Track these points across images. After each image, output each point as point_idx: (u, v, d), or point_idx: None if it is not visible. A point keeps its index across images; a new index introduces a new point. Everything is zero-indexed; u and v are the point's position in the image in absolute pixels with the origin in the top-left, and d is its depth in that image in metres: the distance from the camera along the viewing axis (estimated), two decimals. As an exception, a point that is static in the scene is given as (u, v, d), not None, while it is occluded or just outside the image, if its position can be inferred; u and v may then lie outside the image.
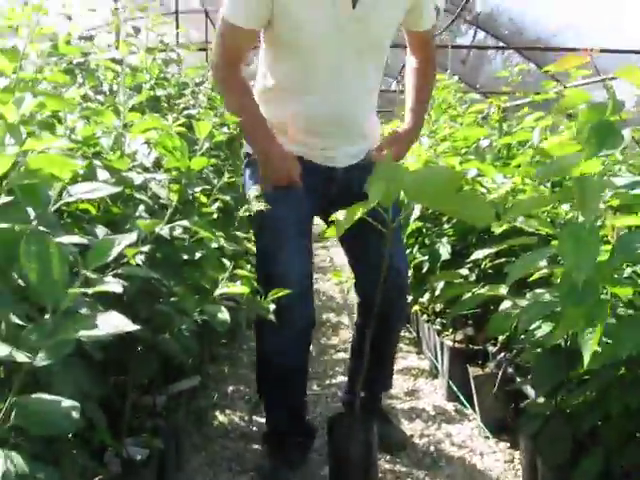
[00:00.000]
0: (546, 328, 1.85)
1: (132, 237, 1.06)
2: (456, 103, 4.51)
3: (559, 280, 1.59)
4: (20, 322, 0.99)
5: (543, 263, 1.81)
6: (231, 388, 3.25)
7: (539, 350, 1.81)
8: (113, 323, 0.92)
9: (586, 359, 1.35)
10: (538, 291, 1.82)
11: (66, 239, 1.05)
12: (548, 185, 2.68)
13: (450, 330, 3.22)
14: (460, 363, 2.92)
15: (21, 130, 1.09)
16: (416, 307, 3.46)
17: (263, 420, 2.83)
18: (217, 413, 2.95)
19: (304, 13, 2.18)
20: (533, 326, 1.89)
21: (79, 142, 1.75)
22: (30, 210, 1.06)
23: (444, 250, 2.88)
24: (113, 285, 0.97)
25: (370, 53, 2.33)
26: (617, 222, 1.83)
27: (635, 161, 2.19)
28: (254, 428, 2.80)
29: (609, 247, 1.44)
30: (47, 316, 0.94)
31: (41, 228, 0.98)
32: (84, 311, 1.00)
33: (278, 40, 2.27)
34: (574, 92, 1.20)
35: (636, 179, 1.20)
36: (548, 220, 2.30)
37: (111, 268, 1.37)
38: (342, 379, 3.25)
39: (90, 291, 0.92)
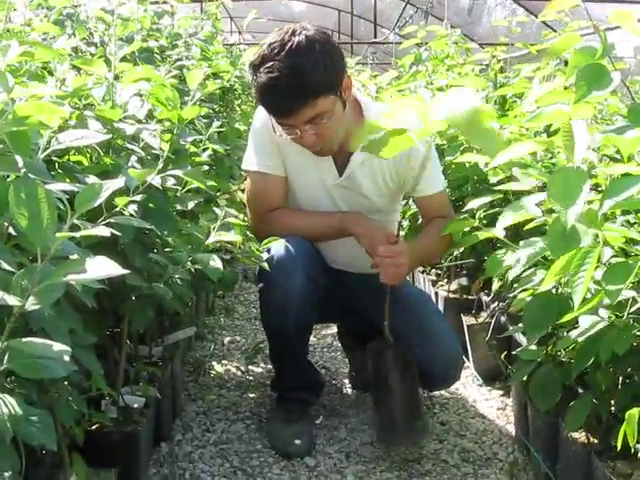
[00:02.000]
0: (539, 275, 1.86)
1: (120, 182, 1.06)
2: (454, 53, 4.46)
3: (549, 227, 1.60)
4: (11, 269, 1.00)
5: (538, 212, 1.82)
6: (228, 339, 3.29)
7: (530, 297, 1.82)
8: (102, 268, 0.93)
9: (576, 303, 1.37)
10: (532, 239, 1.83)
11: (55, 186, 1.05)
12: (545, 136, 2.67)
13: (445, 280, 3.25)
14: (454, 313, 2.94)
15: (8, 78, 1.08)
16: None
17: (259, 370, 2.88)
18: (214, 363, 2.98)
19: (297, 174, 2.31)
20: (526, 273, 1.90)
21: (70, 93, 1.74)
22: (19, 158, 1.06)
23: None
24: (101, 229, 0.97)
25: (372, 216, 2.34)
26: (610, 170, 1.83)
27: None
28: (250, 378, 2.84)
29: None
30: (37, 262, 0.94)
31: (30, 175, 0.98)
32: (74, 257, 1.00)
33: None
34: (565, 36, 1.19)
35: (625, 123, 1.19)
36: (543, 170, 2.30)
37: (103, 217, 1.37)
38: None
39: (78, 235, 0.93)
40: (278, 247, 2.10)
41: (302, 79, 1.98)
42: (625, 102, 2.61)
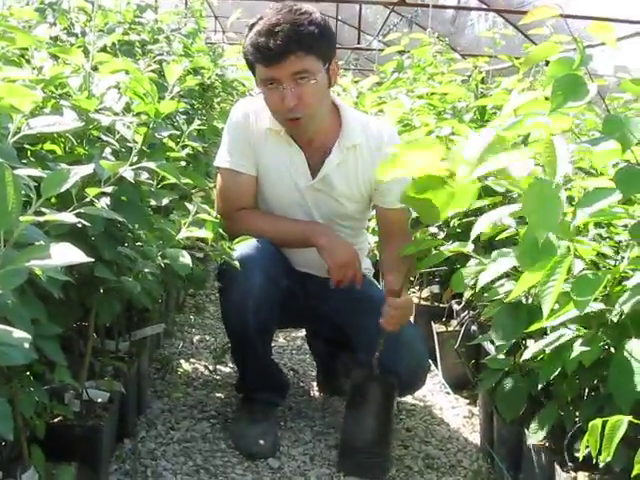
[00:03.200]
0: (509, 285, 1.87)
1: (89, 168, 1.05)
2: (435, 61, 4.47)
3: (521, 238, 1.60)
4: (-26, 253, 0.98)
5: (511, 223, 1.83)
6: (197, 337, 3.26)
7: (500, 306, 1.82)
8: (67, 255, 0.91)
9: (545, 312, 1.37)
10: (504, 250, 1.84)
11: (23, 171, 1.03)
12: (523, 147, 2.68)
13: (417, 287, 3.25)
14: (425, 320, 2.94)
15: (-20, 58, 1.06)
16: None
17: (227, 370, 2.86)
18: (182, 361, 2.96)
19: (269, 175, 2.31)
20: (497, 284, 1.91)
21: (46, 80, 1.72)
22: (-13, 141, 1.04)
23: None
24: (66, 216, 0.96)
25: (340, 221, 2.38)
26: (584, 183, 1.85)
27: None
28: (217, 377, 2.81)
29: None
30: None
31: (-2, 159, 0.97)
32: (39, 244, 0.98)
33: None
34: (543, 45, 1.20)
35: (600, 137, 1.20)
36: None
37: (73, 207, 1.35)
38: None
39: (42, 219, 0.91)
40: (240, 247, 2.09)
41: (298, 29, 2.05)
42: (602, 118, 2.63)
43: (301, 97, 2.09)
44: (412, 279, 3.14)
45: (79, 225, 1.40)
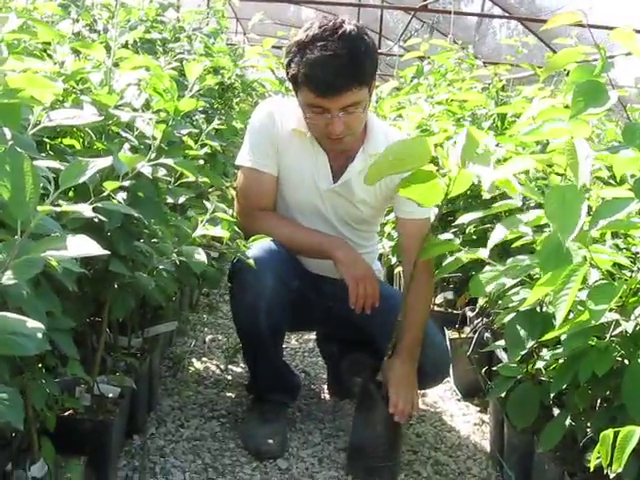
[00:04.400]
0: (523, 293, 1.86)
1: (107, 161, 1.05)
2: (457, 67, 4.45)
3: (540, 244, 1.59)
4: (-10, 242, 0.98)
5: (527, 230, 1.82)
6: (209, 337, 3.26)
7: (514, 314, 1.81)
8: (83, 247, 0.91)
9: (558, 319, 1.36)
10: (519, 257, 1.83)
11: (42, 163, 1.03)
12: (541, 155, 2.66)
13: (431, 293, 3.23)
14: (438, 326, 2.92)
15: (2, 49, 1.07)
16: (398, 269, 3.46)
17: (239, 369, 2.86)
18: (193, 360, 2.96)
19: (291, 176, 2.31)
20: (511, 292, 1.90)
21: (67, 75, 1.73)
22: (7, 130, 1.04)
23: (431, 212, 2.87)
24: (83, 207, 0.96)
25: (355, 225, 2.40)
26: (603, 193, 1.83)
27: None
28: (229, 377, 2.82)
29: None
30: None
31: (17, 149, 0.97)
32: (55, 234, 0.99)
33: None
34: (565, 51, 1.19)
35: (620, 145, 1.19)
36: (536, 189, 2.29)
37: (90, 201, 1.36)
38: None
39: (59, 209, 0.91)
40: (252, 249, 2.09)
41: (357, 63, 2.01)
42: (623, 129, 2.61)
43: (347, 124, 2.09)
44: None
45: (95, 219, 1.41)
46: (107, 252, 0.93)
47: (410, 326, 2.18)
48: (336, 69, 1.98)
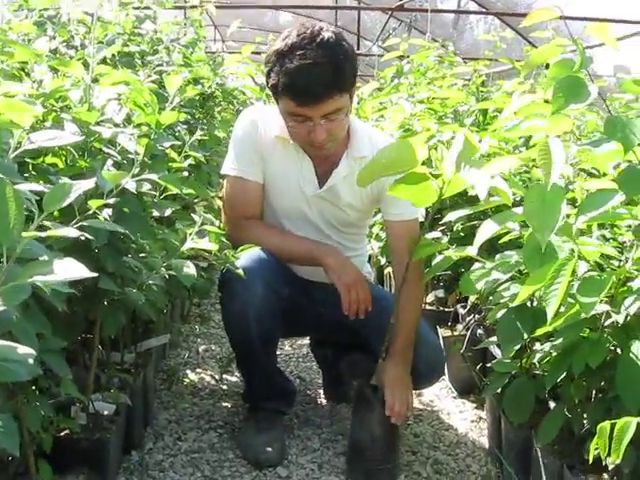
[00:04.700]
0: (514, 289, 1.86)
1: (90, 183, 1.04)
2: (437, 65, 4.46)
3: (525, 241, 1.60)
4: (-24, 269, 0.98)
5: (514, 226, 1.82)
6: (202, 347, 3.26)
7: (506, 309, 1.82)
8: (70, 270, 0.91)
9: (549, 314, 1.37)
10: (507, 253, 1.84)
11: (24, 186, 1.03)
12: (524, 150, 2.67)
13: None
14: (430, 325, 2.93)
15: (-21, 74, 1.06)
16: (388, 269, 3.47)
17: (234, 379, 2.86)
18: (187, 371, 2.95)
19: (277, 182, 2.31)
20: (502, 287, 1.90)
21: (46, 94, 1.72)
22: (-13, 156, 1.04)
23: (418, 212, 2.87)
24: (69, 230, 0.96)
25: (342, 228, 2.40)
26: (587, 185, 1.84)
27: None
28: (224, 387, 2.81)
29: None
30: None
31: (-1, 174, 0.97)
32: (43, 259, 0.98)
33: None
34: (544, 47, 1.20)
35: (601, 137, 1.20)
36: (521, 184, 2.30)
37: (76, 220, 1.35)
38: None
39: (45, 234, 0.91)
40: (240, 258, 2.09)
41: (336, 70, 2.01)
42: (604, 120, 2.62)
43: (330, 131, 2.09)
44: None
45: (82, 238, 1.41)
46: (94, 274, 0.93)
47: (402, 328, 2.18)
48: (316, 77, 1.98)
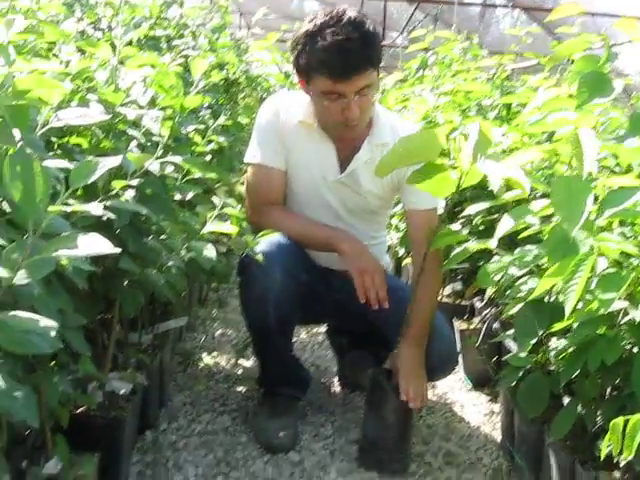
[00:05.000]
0: (532, 283, 1.86)
1: (117, 160, 1.06)
2: (462, 57, 4.44)
3: (547, 234, 1.59)
4: (2, 242, 0.99)
5: (534, 220, 1.82)
6: (219, 331, 3.28)
7: (523, 304, 1.82)
8: (95, 245, 0.92)
9: (567, 310, 1.37)
10: (527, 247, 1.83)
11: (51, 162, 1.04)
12: (547, 145, 2.66)
13: (439, 285, 3.23)
14: (447, 317, 2.93)
15: (10, 51, 1.08)
16: (407, 260, 3.47)
17: (249, 364, 2.88)
18: (203, 355, 2.97)
19: (299, 169, 2.33)
20: (519, 282, 1.90)
21: (73, 74, 1.73)
22: (16, 132, 1.05)
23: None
24: (93, 207, 0.97)
25: (363, 215, 2.41)
26: (610, 182, 1.83)
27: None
28: (239, 371, 2.83)
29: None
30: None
31: (27, 149, 0.98)
32: (66, 233, 1.00)
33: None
34: (571, 41, 1.19)
35: (627, 134, 1.19)
36: (542, 179, 2.29)
37: (99, 200, 1.37)
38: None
39: (70, 209, 0.92)
40: (260, 244, 2.10)
41: (368, 44, 2.05)
42: (629, 117, 2.60)
43: (362, 108, 2.12)
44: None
45: (105, 217, 1.42)
46: (118, 250, 0.94)
47: (418, 315, 2.18)
48: (350, 52, 2.02)
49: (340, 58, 2.02)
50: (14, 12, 1.55)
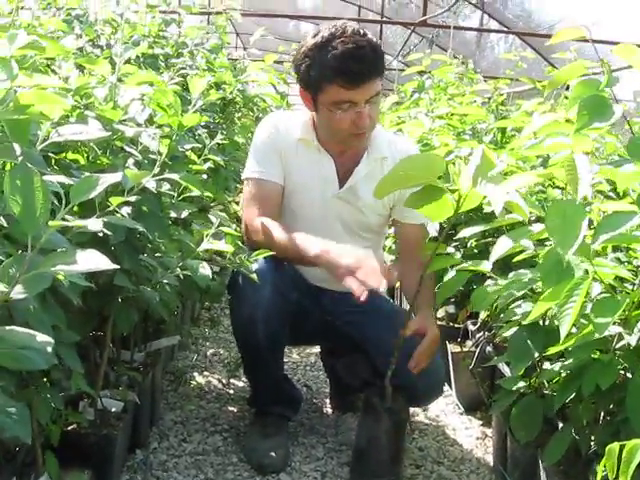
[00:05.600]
0: (526, 307, 1.86)
1: (117, 177, 1.06)
2: (458, 82, 4.47)
3: (541, 259, 1.60)
4: (0, 257, 0.99)
5: (528, 244, 1.82)
6: (211, 351, 3.27)
7: (517, 327, 1.82)
8: (92, 261, 0.92)
9: (563, 333, 1.37)
10: (521, 271, 1.83)
11: (52, 177, 1.04)
12: (542, 169, 2.67)
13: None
14: (440, 340, 2.93)
15: (13, 65, 1.08)
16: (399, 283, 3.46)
17: (241, 384, 2.86)
18: (195, 374, 2.96)
19: (298, 184, 2.33)
20: (513, 305, 1.90)
21: (72, 90, 1.74)
22: (17, 146, 1.05)
23: (431, 227, 2.87)
24: (92, 222, 0.97)
25: (362, 233, 2.40)
26: (605, 207, 1.84)
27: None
28: (231, 391, 2.81)
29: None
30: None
31: (27, 164, 0.98)
32: (64, 249, 1.00)
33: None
34: (569, 65, 1.20)
35: (624, 159, 1.20)
36: (536, 203, 2.30)
37: (96, 216, 1.37)
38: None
39: (70, 224, 0.92)
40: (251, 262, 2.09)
41: (376, 52, 2.11)
42: (623, 143, 2.62)
43: (371, 116, 2.15)
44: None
45: (100, 234, 1.42)
46: (116, 266, 0.94)
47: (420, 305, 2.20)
48: (363, 58, 2.06)
49: (354, 64, 2.06)
50: (15, 27, 1.55)
